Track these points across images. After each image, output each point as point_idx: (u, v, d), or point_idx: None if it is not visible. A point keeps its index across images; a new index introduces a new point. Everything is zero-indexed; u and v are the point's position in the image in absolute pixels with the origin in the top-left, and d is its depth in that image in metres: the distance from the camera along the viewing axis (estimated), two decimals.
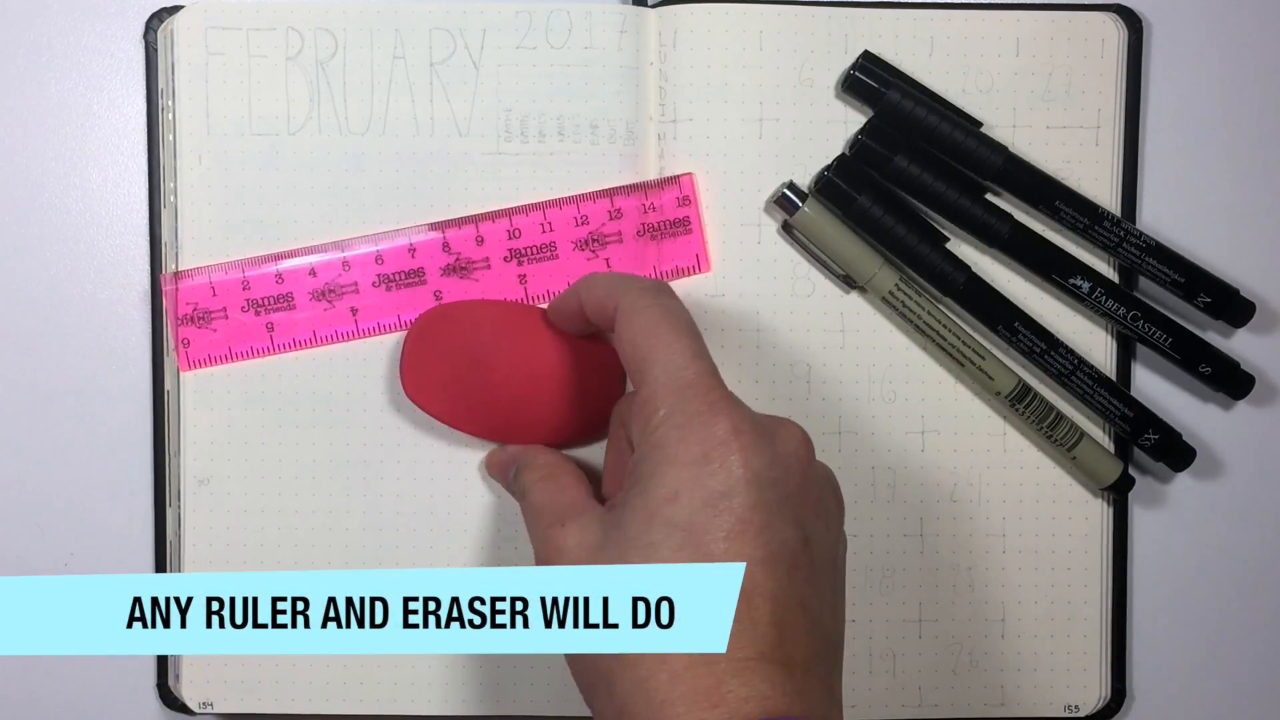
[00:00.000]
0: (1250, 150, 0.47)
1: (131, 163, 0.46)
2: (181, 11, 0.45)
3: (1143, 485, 0.47)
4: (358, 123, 0.45)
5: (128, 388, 0.46)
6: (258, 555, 0.45)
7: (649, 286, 0.38)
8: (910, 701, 0.46)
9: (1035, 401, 0.45)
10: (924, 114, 0.44)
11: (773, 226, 0.45)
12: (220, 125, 0.45)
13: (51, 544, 0.46)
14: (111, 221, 0.46)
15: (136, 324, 0.46)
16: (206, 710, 0.45)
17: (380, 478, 0.45)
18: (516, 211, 0.45)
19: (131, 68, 0.46)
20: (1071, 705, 0.46)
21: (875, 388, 0.46)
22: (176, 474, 0.45)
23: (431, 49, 0.45)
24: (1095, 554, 0.46)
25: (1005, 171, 0.45)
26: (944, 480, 0.46)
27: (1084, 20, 0.46)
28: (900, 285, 0.45)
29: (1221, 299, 0.45)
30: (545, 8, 0.45)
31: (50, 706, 0.47)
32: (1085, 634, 0.46)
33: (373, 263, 0.45)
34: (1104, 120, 0.46)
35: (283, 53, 0.45)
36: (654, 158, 0.45)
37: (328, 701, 0.45)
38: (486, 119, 0.45)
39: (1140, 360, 0.47)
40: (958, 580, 0.46)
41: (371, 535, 0.45)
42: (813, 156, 0.45)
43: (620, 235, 0.45)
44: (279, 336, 0.45)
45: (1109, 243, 0.45)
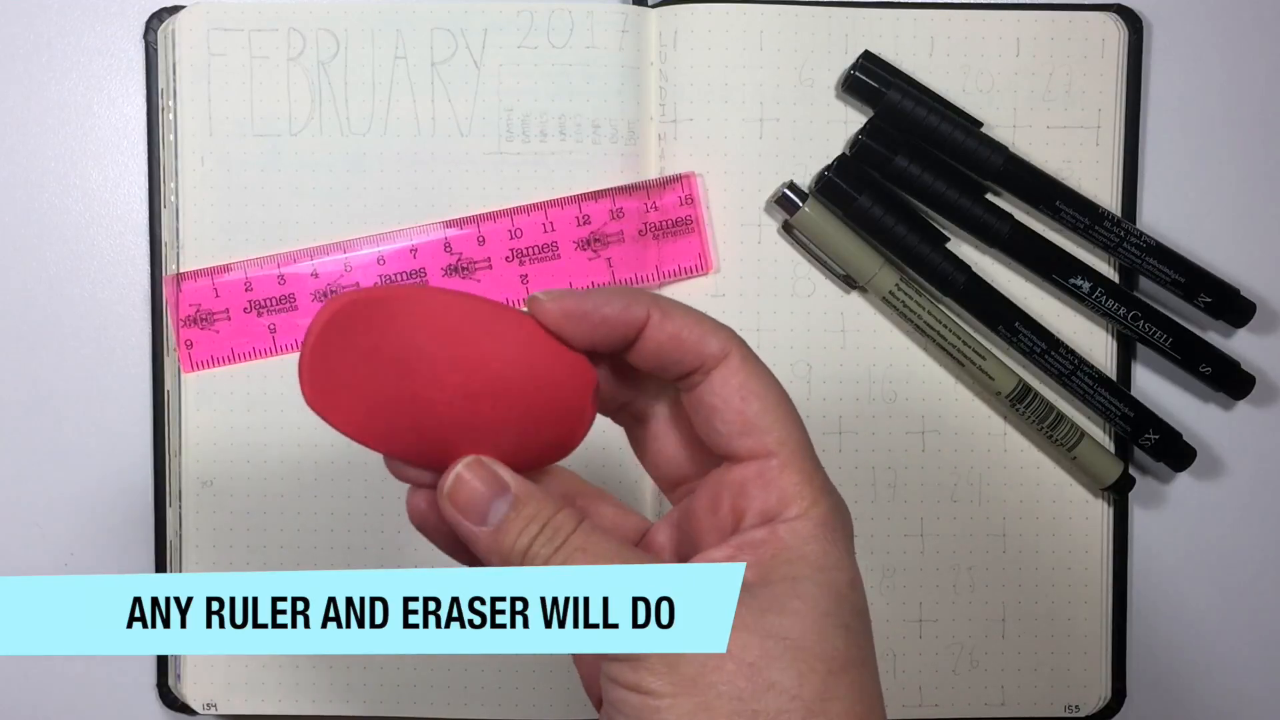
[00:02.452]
0: (1250, 150, 0.47)
1: (132, 163, 0.46)
2: (183, 12, 0.45)
3: (1143, 485, 0.47)
4: (359, 123, 0.45)
5: (128, 388, 0.46)
6: (258, 555, 0.45)
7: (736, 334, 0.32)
8: (910, 701, 0.46)
9: (1035, 401, 0.45)
10: (924, 114, 0.44)
11: (773, 226, 0.45)
12: (222, 126, 0.45)
13: (51, 544, 0.46)
14: (112, 221, 0.46)
15: (137, 324, 0.46)
16: (209, 710, 0.45)
17: (381, 478, 0.45)
18: (518, 211, 0.45)
19: (131, 68, 0.46)
20: (1071, 705, 0.47)
21: (875, 388, 0.46)
22: (177, 474, 0.45)
23: (433, 49, 0.45)
24: (1095, 554, 0.46)
25: (1005, 171, 0.45)
26: (944, 480, 0.46)
27: (1084, 20, 0.46)
28: (900, 285, 0.45)
29: (1222, 299, 0.45)
30: (546, 8, 0.45)
31: (50, 706, 0.47)
32: (1085, 634, 0.46)
33: (374, 263, 0.45)
34: (1104, 120, 0.46)
35: (284, 53, 0.45)
36: (654, 157, 0.45)
37: (329, 702, 0.45)
38: (488, 119, 0.45)
39: (1140, 360, 0.47)
40: (958, 580, 0.46)
41: (372, 535, 0.45)
42: (813, 156, 0.45)
43: (622, 235, 0.45)
44: (281, 338, 0.45)
45: (1109, 243, 0.45)
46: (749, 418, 0.30)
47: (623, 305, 0.31)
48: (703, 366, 0.31)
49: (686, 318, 0.31)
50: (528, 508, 0.31)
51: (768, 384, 0.31)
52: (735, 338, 0.31)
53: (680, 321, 0.31)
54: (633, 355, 0.31)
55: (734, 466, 0.31)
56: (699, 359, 0.31)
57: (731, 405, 0.30)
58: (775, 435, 0.30)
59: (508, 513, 0.31)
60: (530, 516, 0.31)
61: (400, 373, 0.32)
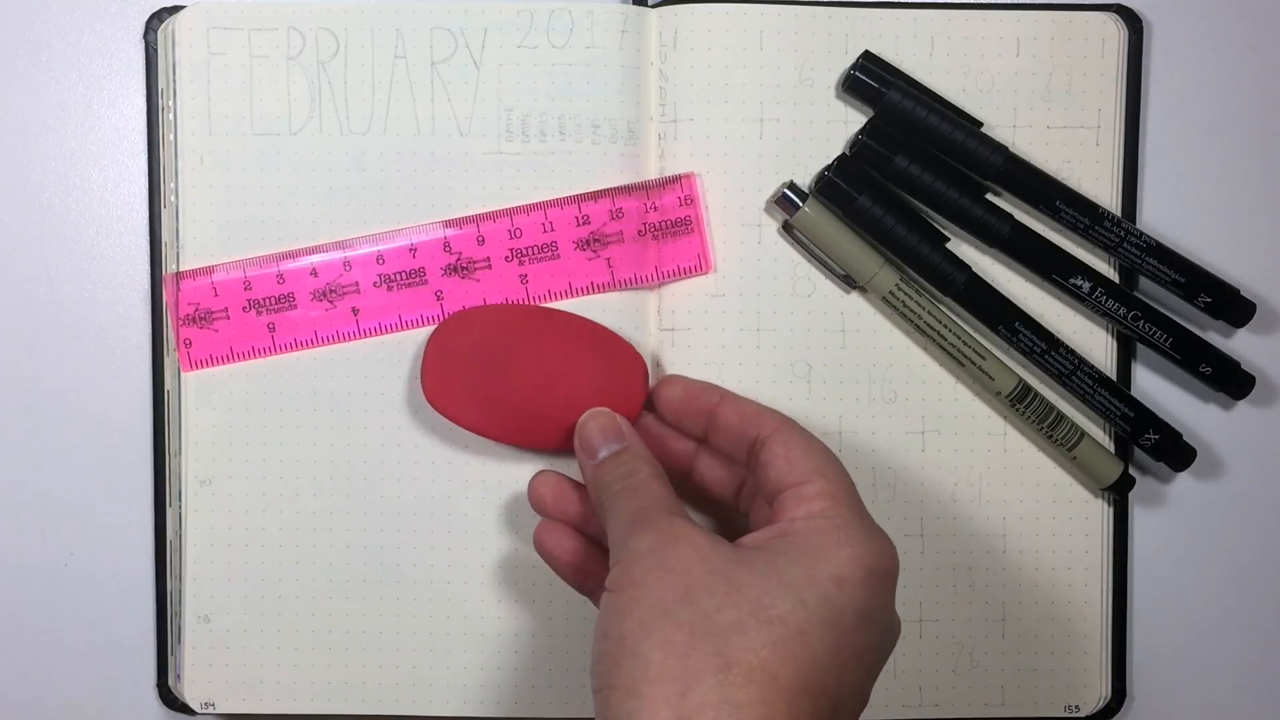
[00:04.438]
0: (1250, 150, 0.47)
1: (132, 163, 0.46)
2: (183, 11, 0.45)
3: (1143, 485, 0.47)
4: (359, 122, 0.45)
5: (128, 388, 0.46)
6: (258, 555, 0.45)
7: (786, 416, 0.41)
8: (910, 701, 0.46)
9: (1035, 401, 0.45)
10: (924, 114, 0.44)
11: (773, 226, 0.45)
12: (221, 125, 0.45)
13: (51, 544, 0.46)
14: (112, 221, 0.46)
15: (137, 324, 0.46)
16: (208, 710, 0.45)
17: (381, 478, 0.45)
18: (518, 211, 0.45)
19: (131, 68, 0.46)
20: (1071, 705, 0.47)
21: (875, 388, 0.46)
22: (177, 474, 0.45)
23: (433, 48, 0.45)
24: (1095, 554, 0.46)
25: (1005, 171, 0.45)
26: (944, 480, 0.46)
27: (1084, 20, 0.46)
28: (900, 285, 0.45)
29: (1222, 299, 0.45)
30: (546, 7, 0.45)
31: (50, 706, 0.47)
32: (1085, 634, 0.46)
33: (374, 263, 0.45)
34: (1104, 120, 0.46)
35: (284, 52, 0.45)
36: (654, 157, 0.45)
37: (329, 701, 0.45)
38: (488, 119, 0.45)
39: (1140, 360, 0.47)
40: (958, 580, 0.46)
41: (372, 535, 0.45)
42: (813, 156, 0.45)
43: (621, 235, 0.45)
44: (280, 337, 0.45)
45: (1109, 243, 0.45)
46: (794, 461, 0.38)
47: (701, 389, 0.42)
48: (760, 437, 0.39)
49: (749, 402, 0.41)
50: (625, 455, 0.40)
51: (813, 441, 0.39)
52: (786, 417, 0.40)
53: (745, 403, 0.41)
54: (713, 433, 0.42)
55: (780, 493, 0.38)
56: (758, 430, 0.40)
57: (779, 455, 0.38)
58: (812, 469, 0.38)
59: (607, 456, 0.40)
60: (622, 461, 0.40)
61: (489, 372, 0.43)
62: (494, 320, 0.44)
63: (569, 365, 0.43)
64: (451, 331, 0.43)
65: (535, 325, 0.44)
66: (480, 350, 0.43)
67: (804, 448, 0.38)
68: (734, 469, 0.42)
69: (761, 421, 0.40)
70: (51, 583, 0.46)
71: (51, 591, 0.46)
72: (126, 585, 0.46)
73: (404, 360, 0.45)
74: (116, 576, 0.46)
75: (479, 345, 0.43)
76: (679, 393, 0.43)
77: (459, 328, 0.43)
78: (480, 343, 0.43)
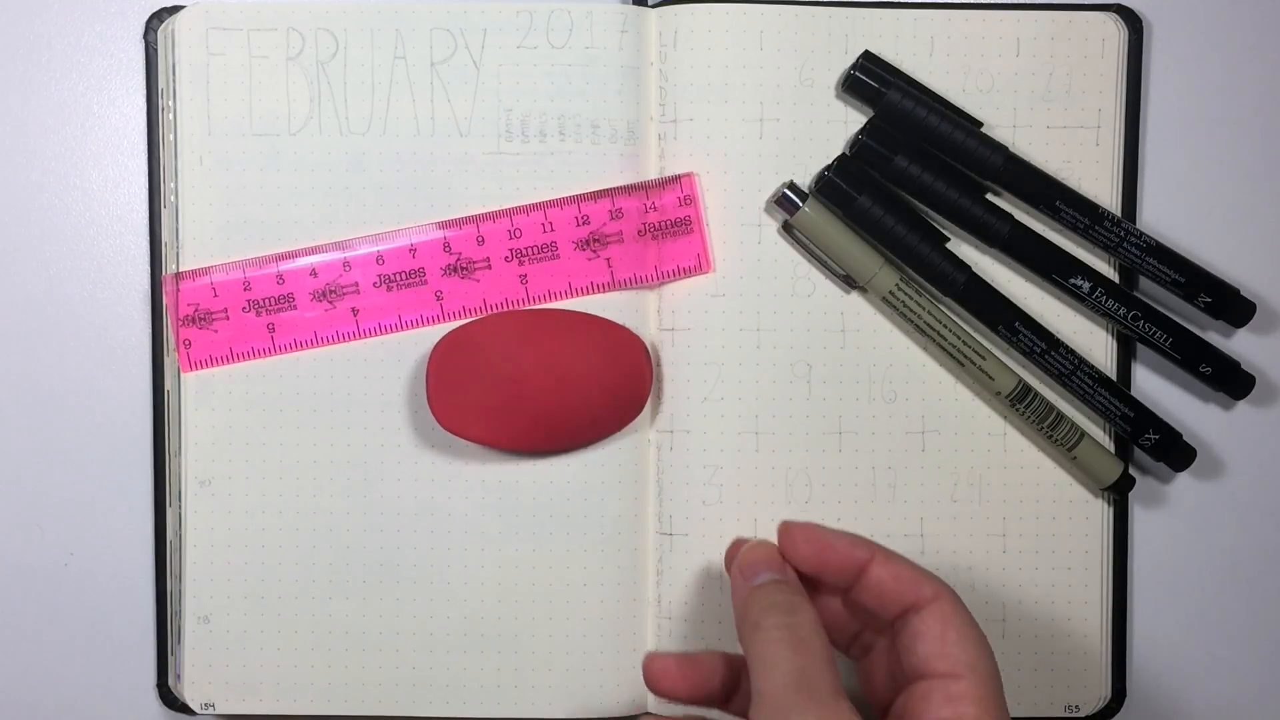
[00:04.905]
0: (1250, 150, 0.47)
1: (131, 163, 0.46)
2: (182, 12, 0.45)
3: (1143, 485, 0.47)
4: (358, 123, 0.45)
5: (128, 388, 0.46)
6: (258, 556, 0.45)
7: (947, 584, 0.38)
8: None
9: (1035, 401, 0.45)
10: (924, 114, 0.44)
11: (773, 226, 0.45)
12: (221, 125, 0.45)
13: (51, 544, 0.46)
14: (111, 221, 0.46)
15: (137, 324, 0.46)
16: (208, 711, 0.45)
17: (380, 478, 0.45)
18: (517, 211, 0.45)
19: (131, 68, 0.46)
20: (1071, 705, 0.46)
21: (875, 388, 0.46)
22: (177, 474, 0.45)
23: (432, 49, 0.45)
24: (1095, 554, 0.46)
25: (1005, 171, 0.45)
26: (944, 480, 0.46)
27: (1084, 20, 0.46)
28: (900, 285, 0.45)
29: (1222, 299, 0.45)
30: (546, 7, 0.45)
31: (50, 706, 0.47)
32: (1085, 634, 0.46)
33: (373, 263, 0.45)
34: (1104, 120, 0.46)
35: (283, 53, 0.45)
36: (654, 157, 0.45)
37: (328, 702, 0.45)
38: (487, 119, 0.45)
39: (1140, 360, 0.47)
40: (958, 580, 0.46)
41: (372, 535, 0.45)
42: (813, 156, 0.45)
43: (621, 235, 0.45)
44: (280, 337, 0.45)
45: (1109, 243, 0.45)
46: (948, 646, 0.36)
47: (850, 543, 0.38)
48: (915, 605, 0.37)
49: (906, 562, 0.38)
50: (785, 586, 0.37)
51: (972, 624, 0.36)
52: (948, 586, 0.37)
53: (901, 564, 0.38)
54: (859, 590, 0.38)
55: (925, 679, 0.36)
56: (915, 597, 0.37)
57: (933, 633, 0.36)
58: (966, 662, 0.36)
59: (767, 581, 0.37)
60: (782, 591, 0.37)
61: (498, 385, 0.43)
62: (489, 332, 0.44)
63: (573, 362, 0.43)
64: (447, 352, 0.43)
65: (530, 328, 0.44)
66: (482, 364, 0.43)
67: (960, 630, 0.36)
68: (858, 614, 0.39)
69: (920, 588, 0.37)
70: (51, 583, 0.46)
71: (51, 591, 0.46)
72: (126, 585, 0.46)
73: (404, 361, 0.45)
74: (116, 576, 0.46)
75: (480, 360, 0.43)
76: (820, 548, 0.38)
77: (454, 346, 0.43)
78: (481, 357, 0.43)
